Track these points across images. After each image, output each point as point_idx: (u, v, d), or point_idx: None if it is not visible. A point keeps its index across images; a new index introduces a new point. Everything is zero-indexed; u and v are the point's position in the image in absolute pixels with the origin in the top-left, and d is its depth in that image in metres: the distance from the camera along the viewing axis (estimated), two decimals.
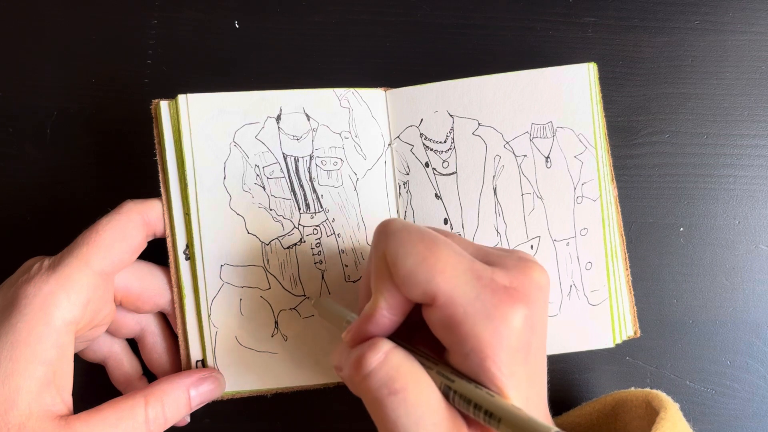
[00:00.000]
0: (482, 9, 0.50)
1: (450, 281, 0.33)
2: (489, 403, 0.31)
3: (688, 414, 0.44)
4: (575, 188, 0.45)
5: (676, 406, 0.41)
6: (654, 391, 0.43)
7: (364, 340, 0.36)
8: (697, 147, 0.50)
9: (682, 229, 0.49)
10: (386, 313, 0.35)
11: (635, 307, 0.45)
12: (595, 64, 0.45)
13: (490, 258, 0.36)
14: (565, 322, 0.45)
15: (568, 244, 0.45)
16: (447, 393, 0.33)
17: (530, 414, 0.31)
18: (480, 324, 0.32)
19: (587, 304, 0.45)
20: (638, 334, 0.45)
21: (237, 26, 0.50)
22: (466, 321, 0.33)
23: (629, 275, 0.45)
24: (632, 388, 0.44)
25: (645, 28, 0.50)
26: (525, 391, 0.33)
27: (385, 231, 0.36)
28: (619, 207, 0.46)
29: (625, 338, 0.45)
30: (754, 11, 0.50)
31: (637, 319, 0.45)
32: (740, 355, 0.49)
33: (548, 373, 0.48)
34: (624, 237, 0.46)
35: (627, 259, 0.46)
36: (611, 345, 0.44)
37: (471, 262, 0.34)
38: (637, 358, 0.49)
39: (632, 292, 0.45)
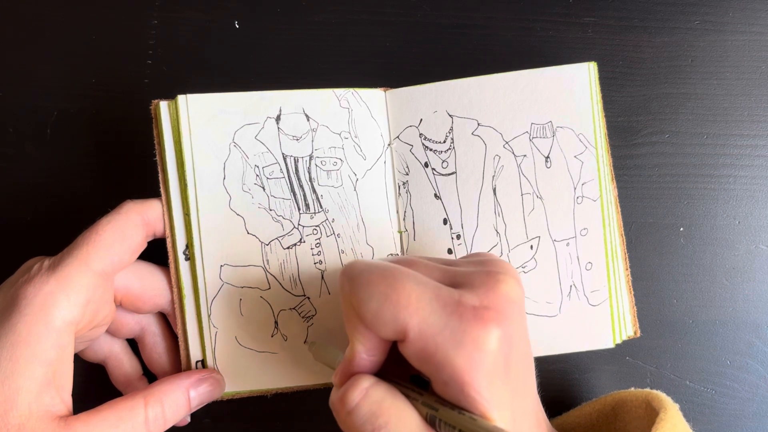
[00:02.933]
0: (482, 9, 0.50)
1: (416, 315, 0.33)
2: (472, 427, 0.32)
3: (688, 414, 0.43)
4: (575, 188, 0.45)
5: (676, 406, 0.41)
6: (654, 391, 0.43)
7: None
8: (697, 147, 0.50)
9: (682, 229, 0.49)
10: (365, 355, 0.36)
11: (635, 307, 0.45)
12: (595, 64, 0.45)
13: (458, 278, 0.36)
14: (566, 323, 0.45)
15: (568, 244, 0.45)
16: (434, 422, 0.33)
17: (519, 428, 0.32)
18: (452, 352, 0.32)
19: (587, 304, 0.45)
20: (638, 334, 0.45)
21: (237, 26, 0.50)
22: (438, 351, 0.33)
23: (629, 275, 0.45)
24: (632, 388, 0.44)
25: (645, 28, 0.50)
26: (510, 408, 0.33)
27: (347, 276, 0.36)
28: (619, 207, 0.46)
29: (625, 338, 0.45)
30: (754, 11, 0.50)
31: (636, 319, 0.45)
32: (740, 355, 0.49)
33: (548, 373, 0.49)
34: (624, 237, 0.45)
35: (627, 259, 0.45)
36: (611, 345, 0.44)
37: (436, 289, 0.34)
38: (637, 358, 0.49)
39: (632, 292, 0.45)
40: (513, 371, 0.34)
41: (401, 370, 0.37)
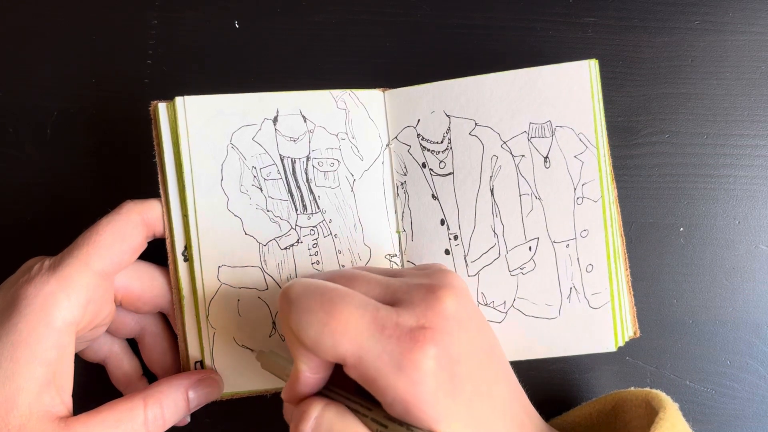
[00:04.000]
0: (482, 9, 0.50)
1: (354, 341, 0.33)
2: None
3: (688, 414, 0.43)
4: (575, 189, 0.44)
5: (676, 406, 0.40)
6: (654, 391, 0.42)
7: (299, 398, 0.37)
8: (697, 147, 0.49)
9: (682, 229, 0.49)
10: (309, 374, 0.36)
11: (635, 308, 0.45)
12: (596, 61, 0.44)
13: (398, 294, 0.36)
14: (566, 326, 0.44)
15: (567, 245, 0.45)
16: None
17: None
18: (392, 376, 0.33)
19: (588, 307, 0.44)
20: (638, 334, 0.45)
21: (237, 26, 0.50)
22: (379, 376, 0.33)
23: (629, 275, 0.45)
24: (632, 388, 0.44)
25: (645, 28, 0.50)
26: (465, 419, 0.33)
27: (286, 300, 0.36)
28: (619, 207, 0.46)
29: (626, 340, 0.45)
30: (754, 11, 0.50)
31: (636, 319, 0.45)
32: (740, 355, 0.49)
33: (548, 373, 0.49)
34: (624, 237, 0.45)
35: (627, 259, 0.45)
36: (613, 349, 0.44)
37: (374, 311, 0.34)
38: (637, 358, 0.49)
39: (632, 293, 0.45)
40: (463, 383, 0.34)
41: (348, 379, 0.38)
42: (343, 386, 0.37)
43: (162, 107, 0.44)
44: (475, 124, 0.45)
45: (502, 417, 0.36)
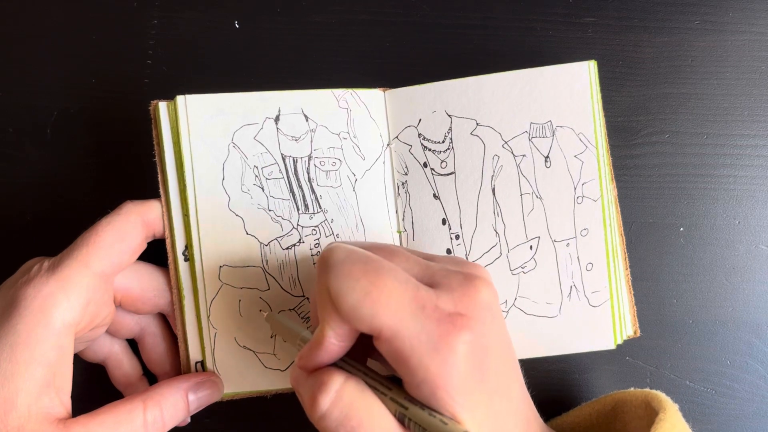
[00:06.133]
0: (482, 9, 0.50)
1: (394, 315, 0.33)
2: (443, 430, 0.32)
3: (688, 414, 0.43)
4: (575, 188, 0.45)
5: (676, 406, 0.41)
6: (653, 391, 0.43)
7: (316, 366, 0.36)
8: (697, 147, 0.49)
9: (682, 229, 0.49)
10: (334, 341, 0.35)
11: (635, 307, 0.45)
12: (595, 62, 0.44)
13: (436, 277, 0.36)
14: (566, 324, 0.45)
15: (568, 244, 0.45)
16: (402, 419, 0.33)
17: (501, 429, 0.33)
18: (427, 356, 0.32)
19: (588, 305, 0.45)
20: (638, 334, 0.45)
21: (237, 26, 0.50)
22: (413, 354, 0.33)
23: (629, 275, 0.45)
24: (632, 389, 0.44)
25: (645, 28, 0.50)
26: (484, 411, 0.34)
27: (327, 263, 0.35)
28: (618, 207, 0.46)
29: (625, 338, 0.45)
30: (754, 11, 0.50)
31: (636, 319, 0.45)
32: (740, 355, 0.49)
33: (548, 373, 0.49)
34: (624, 237, 0.45)
35: (627, 259, 0.45)
36: (612, 346, 0.44)
37: (415, 289, 0.34)
38: (637, 358, 0.49)
39: (632, 292, 0.45)
40: (489, 375, 0.34)
41: (365, 346, 0.37)
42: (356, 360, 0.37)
43: (163, 106, 0.44)
44: (477, 124, 0.45)
45: (514, 415, 0.36)
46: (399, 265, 0.36)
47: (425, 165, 0.46)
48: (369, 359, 0.40)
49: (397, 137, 0.46)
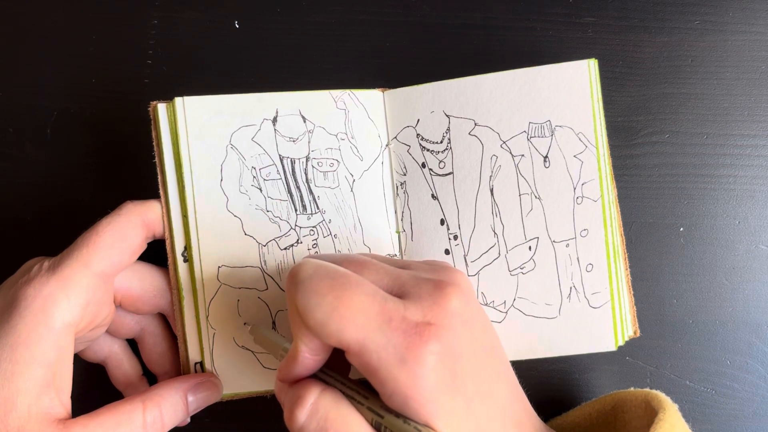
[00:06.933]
0: (482, 9, 0.50)
1: (361, 330, 0.33)
2: None
3: (688, 414, 0.43)
4: (575, 188, 0.44)
5: (675, 406, 0.41)
6: (653, 391, 0.43)
7: (294, 378, 0.37)
8: (697, 147, 0.49)
9: (682, 229, 0.49)
10: (308, 355, 0.36)
11: (635, 307, 0.45)
12: (595, 61, 0.44)
13: (406, 287, 0.36)
14: (566, 325, 0.44)
15: (567, 245, 0.45)
16: (379, 428, 0.34)
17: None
18: (395, 368, 0.33)
19: (588, 306, 0.44)
20: (638, 334, 0.45)
21: (237, 26, 0.50)
22: (381, 367, 0.33)
23: (629, 275, 0.45)
24: (632, 388, 0.44)
25: (645, 28, 0.50)
26: (462, 416, 0.34)
27: (295, 280, 0.36)
28: (618, 207, 0.46)
29: (626, 339, 0.45)
30: (754, 11, 0.50)
31: (636, 319, 0.45)
32: (740, 355, 0.49)
33: (548, 373, 0.49)
34: (624, 237, 0.45)
35: (627, 259, 0.45)
36: (613, 348, 0.44)
37: (382, 302, 0.34)
38: (637, 358, 0.49)
39: (632, 292, 0.45)
40: (465, 380, 0.34)
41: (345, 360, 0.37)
42: (338, 370, 0.37)
43: (161, 108, 0.44)
44: (475, 124, 0.45)
45: (501, 417, 0.36)
46: (368, 278, 0.36)
47: (424, 165, 0.46)
48: (353, 367, 0.40)
49: (395, 138, 0.46)
